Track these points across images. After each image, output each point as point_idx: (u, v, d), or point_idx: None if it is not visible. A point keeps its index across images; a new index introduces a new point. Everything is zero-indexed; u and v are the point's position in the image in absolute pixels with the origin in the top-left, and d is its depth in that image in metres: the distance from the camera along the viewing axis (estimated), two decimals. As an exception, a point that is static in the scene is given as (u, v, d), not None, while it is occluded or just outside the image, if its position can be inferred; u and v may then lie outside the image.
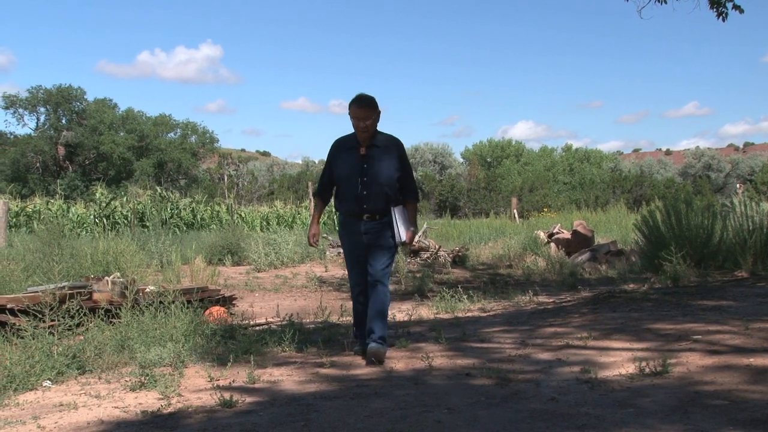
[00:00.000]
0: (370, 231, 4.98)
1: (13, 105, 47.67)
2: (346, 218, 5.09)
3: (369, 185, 4.92)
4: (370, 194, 4.92)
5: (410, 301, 8.29)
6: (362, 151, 4.95)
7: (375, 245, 4.98)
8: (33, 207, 22.02)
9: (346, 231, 5.12)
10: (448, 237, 17.21)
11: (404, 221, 4.97)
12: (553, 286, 9.38)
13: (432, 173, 45.87)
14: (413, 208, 5.13)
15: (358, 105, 4.93)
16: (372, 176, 4.92)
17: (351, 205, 4.99)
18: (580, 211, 23.58)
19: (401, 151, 5.09)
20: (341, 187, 5.07)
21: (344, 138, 5.14)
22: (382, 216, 4.96)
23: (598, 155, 56.50)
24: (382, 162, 4.95)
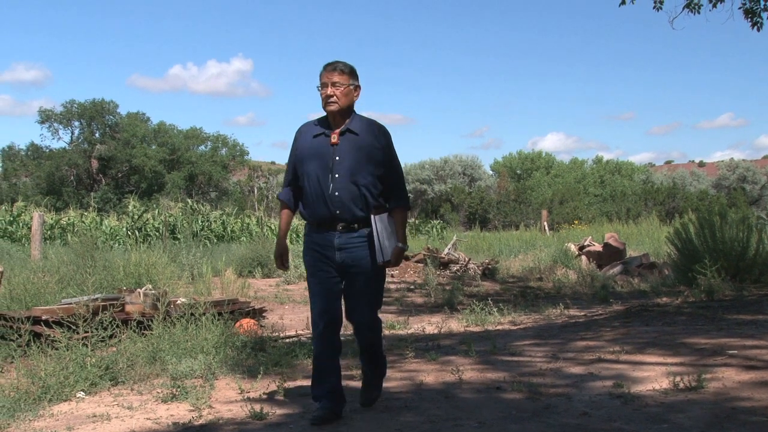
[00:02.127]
0: (347, 246, 3.81)
1: (48, 119, 48.57)
2: (313, 228, 3.92)
3: (342, 184, 3.78)
4: (343, 196, 3.78)
5: (440, 313, 8.26)
6: (333, 139, 3.83)
7: (356, 271, 3.82)
8: (67, 219, 22.32)
9: (312, 243, 3.89)
10: (477, 249, 17.12)
11: (389, 234, 3.83)
12: (585, 300, 9.28)
13: (461, 185, 45.76)
14: (402, 217, 3.95)
15: (325, 69, 3.87)
16: (346, 171, 3.78)
17: (320, 210, 3.83)
18: (611, 223, 23.34)
19: (386, 140, 3.92)
20: (307, 187, 3.89)
21: (312, 122, 4.00)
22: (362, 226, 3.82)
23: (629, 167, 55.95)
24: (360, 153, 3.81)
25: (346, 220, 3.80)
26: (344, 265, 3.83)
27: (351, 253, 3.82)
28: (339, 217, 3.80)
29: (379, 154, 3.86)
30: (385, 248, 3.79)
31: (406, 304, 9.16)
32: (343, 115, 3.87)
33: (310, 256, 3.91)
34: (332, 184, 3.79)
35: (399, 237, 3.89)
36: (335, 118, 3.87)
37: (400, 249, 3.87)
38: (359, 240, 3.83)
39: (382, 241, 3.80)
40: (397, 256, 3.87)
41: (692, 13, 9.71)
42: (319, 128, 3.92)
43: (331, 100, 3.82)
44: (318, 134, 3.89)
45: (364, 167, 3.81)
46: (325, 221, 3.84)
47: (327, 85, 3.84)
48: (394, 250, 3.84)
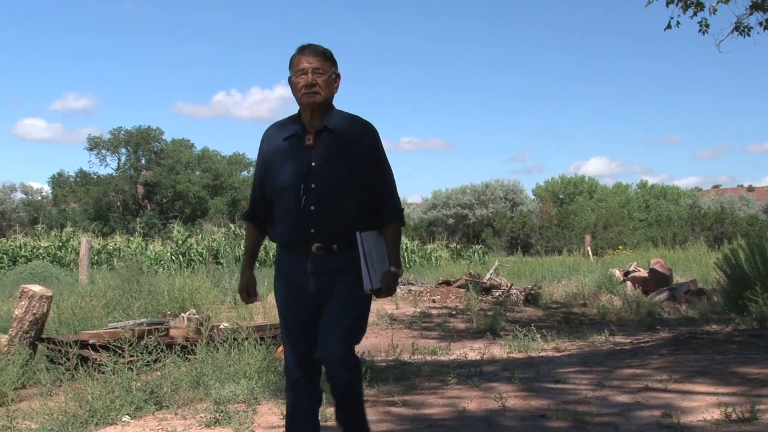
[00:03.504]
0: (323, 272, 3.15)
1: (96, 146, 49.73)
2: (284, 252, 3.28)
3: (319, 196, 3.11)
4: (321, 211, 3.11)
5: (482, 339, 8.19)
6: (309, 141, 3.15)
7: (332, 298, 3.15)
8: (114, 245, 22.74)
9: (283, 272, 3.27)
10: (520, 275, 16.97)
11: (378, 256, 3.19)
12: (630, 326, 9.11)
13: (503, 210, 45.48)
14: (395, 235, 3.27)
15: (301, 52, 3.18)
16: (324, 181, 3.12)
17: (291, 228, 3.17)
18: (657, 248, 22.96)
19: (374, 140, 3.25)
20: (277, 201, 3.23)
21: (281, 122, 3.32)
22: (343, 248, 3.15)
23: (675, 191, 55.06)
24: (341, 156, 3.15)
25: (323, 241, 3.12)
26: (321, 294, 3.15)
27: (329, 281, 3.14)
28: (315, 238, 3.11)
29: (366, 157, 3.18)
30: (375, 273, 3.15)
31: (447, 330, 9.10)
32: (321, 110, 3.18)
33: (281, 287, 3.27)
34: (306, 195, 3.10)
35: (391, 259, 3.21)
36: (313, 115, 3.18)
37: (392, 274, 3.20)
38: (340, 264, 3.14)
39: (370, 263, 3.14)
40: (390, 283, 3.19)
41: (743, 36, 9.58)
42: (290, 128, 3.22)
43: (313, 90, 3.12)
44: (289, 136, 3.20)
45: (347, 174, 3.13)
46: (298, 242, 3.16)
47: (307, 72, 3.12)
48: (386, 276, 3.18)
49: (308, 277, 3.16)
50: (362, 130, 3.23)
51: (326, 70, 3.17)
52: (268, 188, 3.26)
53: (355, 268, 3.14)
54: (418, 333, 8.83)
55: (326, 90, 3.16)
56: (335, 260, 3.15)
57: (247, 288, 3.37)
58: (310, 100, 3.14)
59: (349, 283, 3.14)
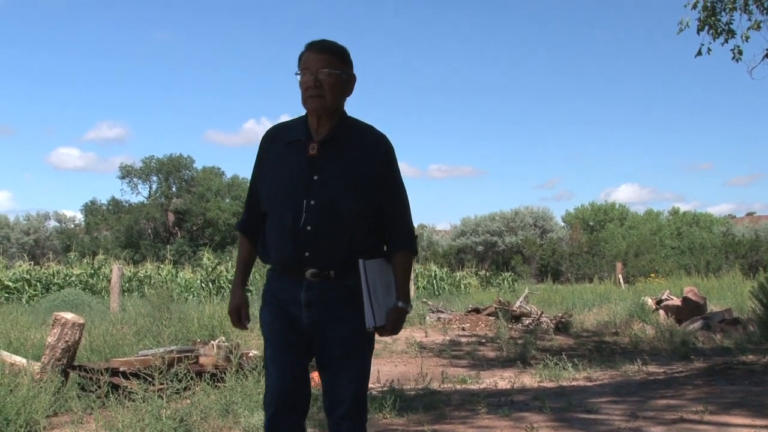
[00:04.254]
0: (318, 303, 2.75)
1: (128, 174, 50.58)
2: (274, 276, 2.87)
3: (319, 214, 2.72)
4: (319, 232, 2.72)
5: (512, 368, 8.10)
6: (312, 150, 2.77)
7: (332, 339, 2.77)
8: (144, 272, 22.95)
9: (271, 296, 2.86)
10: (550, 302, 16.81)
11: (384, 288, 2.78)
12: (664, 356, 8.97)
13: (532, 237, 45.25)
14: (405, 265, 2.86)
15: (309, 48, 2.79)
16: (326, 197, 2.72)
17: (283, 249, 2.77)
18: (690, 276, 22.65)
19: (388, 156, 2.86)
20: (269, 215, 2.84)
21: (283, 125, 2.95)
22: (341, 275, 2.75)
23: (707, 219, 54.37)
24: (348, 171, 2.75)
25: (319, 266, 2.72)
26: (314, 329, 2.75)
27: (324, 313, 2.74)
28: (309, 261, 2.72)
29: (377, 174, 2.78)
30: (379, 307, 2.72)
31: (477, 358, 9.02)
32: (329, 116, 2.79)
33: (268, 314, 2.85)
34: (305, 213, 2.70)
35: (399, 293, 2.80)
36: (319, 121, 2.78)
37: (399, 310, 2.78)
38: (337, 293, 2.74)
39: (374, 297, 2.72)
40: (396, 321, 2.77)
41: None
42: (294, 133, 2.83)
43: (318, 93, 2.72)
44: (293, 141, 2.81)
45: (354, 191, 2.72)
46: (290, 265, 2.76)
47: (311, 71, 2.73)
48: (392, 312, 2.76)
49: (301, 307, 2.74)
50: (375, 144, 2.83)
51: (335, 70, 2.74)
52: (262, 198, 2.86)
53: (355, 300, 2.72)
54: (447, 361, 8.77)
55: (333, 93, 2.74)
56: (332, 289, 2.74)
57: (237, 310, 2.95)
58: (314, 105, 2.74)
59: (349, 320, 2.74)
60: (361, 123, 2.89)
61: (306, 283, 2.73)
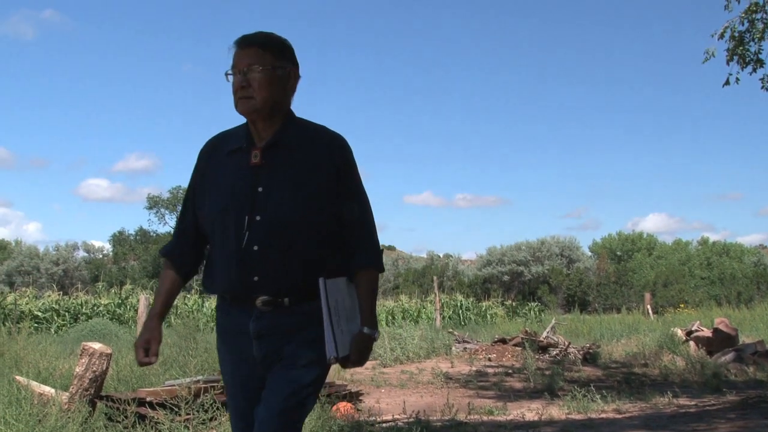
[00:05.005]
0: (271, 334, 2.37)
1: (156, 205, 51.17)
2: (222, 306, 2.51)
3: (266, 230, 2.34)
4: (267, 252, 2.34)
5: (540, 399, 8.00)
6: (255, 158, 2.40)
7: (280, 367, 2.38)
8: (171, 301, 23.10)
9: (221, 331, 2.52)
10: (577, 333, 16.64)
11: (348, 312, 2.40)
12: (695, 388, 8.81)
13: (559, 267, 44.91)
14: (371, 285, 2.46)
15: (239, 44, 2.42)
16: (273, 211, 2.34)
17: (227, 274, 2.40)
18: (720, 307, 22.34)
19: (344, 159, 2.46)
20: (210, 237, 2.48)
21: (223, 134, 2.56)
22: (297, 301, 2.37)
23: (738, 249, 53.65)
24: (297, 180, 2.37)
25: (270, 292, 2.33)
26: (268, 362, 2.38)
27: (278, 345, 2.36)
28: (259, 287, 2.33)
29: (332, 182, 2.39)
30: (342, 334, 2.33)
31: (504, 389, 8.93)
32: (269, 119, 2.41)
33: (224, 353, 2.51)
34: (249, 231, 2.32)
35: (364, 317, 2.40)
36: (257, 125, 2.42)
37: (365, 337, 2.39)
38: (293, 323, 2.36)
39: (336, 322, 2.32)
40: (361, 350, 2.38)
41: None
42: (234, 141, 2.47)
43: (243, 94, 2.36)
44: (233, 150, 2.45)
45: (306, 202, 2.34)
46: (236, 294, 2.39)
47: (239, 70, 2.37)
48: (356, 339, 2.37)
49: (250, 340, 2.37)
50: (327, 145, 2.43)
51: (266, 65, 2.36)
52: (202, 219, 2.49)
53: (313, 325, 2.34)
54: (474, 392, 8.68)
55: (264, 92, 2.35)
56: (287, 318, 2.35)
57: (146, 344, 2.50)
58: (243, 108, 2.38)
59: (302, 340, 2.35)
60: (311, 123, 2.51)
61: (256, 313, 2.36)
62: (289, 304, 2.36)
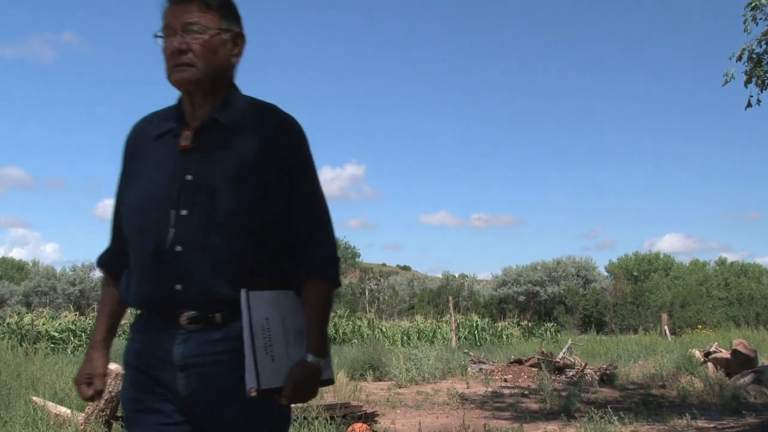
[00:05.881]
0: (200, 364, 1.85)
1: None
2: (139, 324, 1.99)
3: (194, 228, 1.87)
4: (194, 253, 1.86)
5: (556, 420, 7.95)
6: (185, 140, 1.94)
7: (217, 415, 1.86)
8: (187, 321, 23.19)
9: (133, 356, 1.96)
10: (594, 354, 16.53)
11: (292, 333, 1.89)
12: (714, 410, 8.72)
13: (575, 287, 44.65)
14: (320, 299, 1.93)
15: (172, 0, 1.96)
16: (204, 203, 1.88)
17: (145, 283, 1.92)
18: (739, 328, 22.13)
19: (296, 144, 1.99)
20: (130, 239, 1.98)
21: (153, 115, 2.10)
22: (233, 317, 1.85)
23: (756, 269, 53.14)
24: (236, 166, 1.90)
25: (198, 305, 1.84)
26: (195, 402, 1.85)
27: (209, 378, 1.84)
28: (182, 299, 1.84)
29: (280, 171, 1.93)
30: (272, 361, 1.81)
31: (520, 410, 8.88)
32: (208, 93, 1.97)
33: (130, 387, 1.95)
34: (174, 229, 1.86)
35: (309, 341, 1.88)
36: (194, 100, 1.97)
37: (307, 366, 1.84)
38: (228, 347, 1.84)
39: (260, 346, 1.80)
40: (300, 380, 1.83)
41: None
42: (164, 122, 2.02)
43: (182, 61, 1.91)
44: (162, 133, 2.00)
45: (245, 195, 1.87)
46: (156, 307, 1.90)
47: (173, 31, 1.92)
48: (295, 368, 1.84)
49: (173, 369, 1.85)
50: (276, 127, 1.96)
51: (208, 26, 1.93)
52: (122, 214, 2.02)
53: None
54: (490, 413, 8.63)
55: (208, 59, 1.92)
56: (220, 340, 1.84)
57: (89, 376, 2.03)
58: (182, 77, 1.91)
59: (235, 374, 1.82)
60: (258, 101, 2.03)
61: (181, 334, 1.85)
62: (221, 321, 1.84)
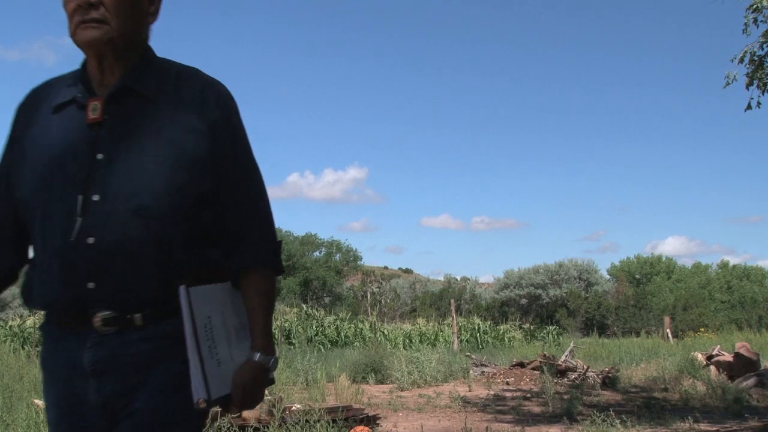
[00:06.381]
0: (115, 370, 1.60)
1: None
2: (48, 329, 1.71)
3: (107, 216, 1.59)
4: (108, 245, 1.58)
5: (558, 424, 7.94)
6: (93, 112, 1.64)
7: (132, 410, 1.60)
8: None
9: (47, 363, 1.71)
10: (596, 357, 16.49)
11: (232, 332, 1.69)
12: (716, 413, 8.70)
13: (577, 290, 44.58)
14: (262, 291, 1.73)
15: None
16: (118, 186, 1.60)
17: (50, 281, 1.62)
18: (741, 331, 22.09)
19: (225, 114, 1.73)
20: (31, 228, 1.69)
21: (51, 82, 1.80)
22: (154, 318, 1.62)
23: (759, 272, 53.06)
24: (155, 141, 1.64)
25: (113, 305, 1.60)
26: (111, 409, 1.61)
27: (128, 387, 1.61)
28: (95, 298, 1.59)
29: (208, 146, 1.67)
30: (218, 366, 1.61)
31: (522, 413, 8.86)
32: (120, 56, 1.69)
33: (50, 395, 1.70)
34: (84, 217, 1.59)
35: (255, 338, 1.69)
36: (103, 64, 1.68)
37: (256, 367, 1.67)
38: (149, 350, 1.62)
39: (205, 348, 1.59)
40: (249, 384, 1.66)
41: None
42: (65, 90, 1.72)
43: (91, 16, 1.62)
44: (62, 104, 1.70)
45: (168, 175, 1.62)
46: (65, 308, 1.63)
47: None
48: (242, 370, 1.66)
49: (85, 378, 1.61)
50: (202, 96, 1.71)
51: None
52: (17, 203, 1.72)
53: (180, 354, 1.60)
54: (492, 416, 8.62)
55: (121, 15, 1.65)
56: (139, 344, 1.61)
57: None
58: (90, 36, 1.63)
59: (164, 380, 1.62)
60: (177, 64, 1.77)
61: (92, 338, 1.60)
62: (142, 323, 1.60)
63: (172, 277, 1.62)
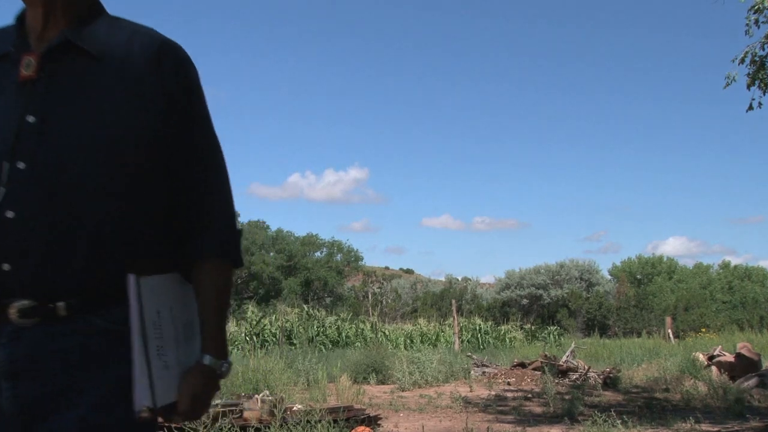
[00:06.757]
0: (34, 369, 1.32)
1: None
2: None
3: (33, 187, 1.34)
4: (31, 220, 1.33)
5: (560, 424, 7.93)
6: (27, 69, 1.40)
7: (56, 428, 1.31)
8: (190, 325, 23.16)
9: None
10: (597, 357, 16.50)
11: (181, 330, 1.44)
12: (717, 414, 8.69)
13: (578, 290, 44.56)
14: (218, 284, 1.48)
15: None
16: (49, 154, 1.35)
17: None
18: (743, 332, 22.09)
19: (181, 79, 1.48)
20: None
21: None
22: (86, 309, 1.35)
23: (760, 272, 53.02)
24: (98, 106, 1.39)
25: (35, 291, 1.34)
26: (29, 420, 1.33)
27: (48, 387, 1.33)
28: (12, 282, 1.34)
29: (161, 114, 1.45)
30: (166, 369, 1.39)
31: (523, 414, 8.86)
32: (66, 9, 1.47)
33: None
34: (6, 188, 1.36)
35: (206, 339, 1.46)
36: (45, 16, 1.46)
37: (205, 371, 1.45)
38: (77, 348, 1.35)
39: (153, 349, 1.37)
40: (198, 391, 1.43)
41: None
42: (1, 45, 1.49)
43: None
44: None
45: (110, 145, 1.39)
46: None
47: None
48: (190, 375, 1.43)
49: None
50: (157, 58, 1.47)
51: None
52: None
53: (116, 354, 1.37)
54: (493, 417, 8.62)
55: None
56: (64, 340, 1.35)
57: None
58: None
59: (97, 386, 1.36)
60: (130, 23, 1.54)
61: (9, 331, 1.35)
62: (66, 313, 1.35)
63: (106, 263, 1.38)
